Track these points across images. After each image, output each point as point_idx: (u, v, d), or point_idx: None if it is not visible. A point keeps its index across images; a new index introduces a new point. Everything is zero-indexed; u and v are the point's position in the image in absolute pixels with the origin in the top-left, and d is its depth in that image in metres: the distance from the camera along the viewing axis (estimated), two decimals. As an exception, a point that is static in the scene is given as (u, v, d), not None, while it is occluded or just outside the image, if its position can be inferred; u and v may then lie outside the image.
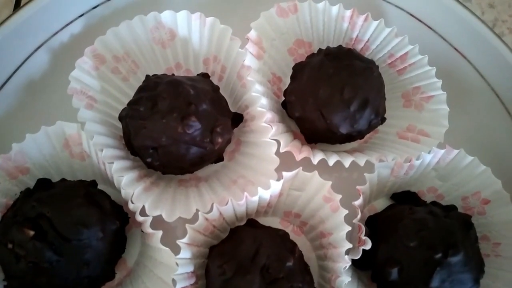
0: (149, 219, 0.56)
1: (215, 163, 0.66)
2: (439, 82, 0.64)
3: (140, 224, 0.62)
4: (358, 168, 0.63)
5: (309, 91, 0.60)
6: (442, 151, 0.62)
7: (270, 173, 0.59)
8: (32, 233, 0.51)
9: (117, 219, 0.57)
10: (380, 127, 0.68)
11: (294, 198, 0.63)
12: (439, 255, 0.54)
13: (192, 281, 0.58)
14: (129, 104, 0.59)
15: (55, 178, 0.62)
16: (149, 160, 0.58)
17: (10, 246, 0.52)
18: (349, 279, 0.55)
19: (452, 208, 0.63)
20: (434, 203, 0.65)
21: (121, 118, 0.60)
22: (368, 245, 0.56)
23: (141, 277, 0.60)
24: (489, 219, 0.63)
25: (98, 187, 0.62)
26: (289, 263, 0.54)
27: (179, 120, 0.55)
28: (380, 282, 0.61)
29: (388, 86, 0.66)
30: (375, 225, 0.64)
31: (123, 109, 0.60)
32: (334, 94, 0.58)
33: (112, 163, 0.56)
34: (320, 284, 0.62)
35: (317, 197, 0.60)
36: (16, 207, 0.55)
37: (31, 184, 0.60)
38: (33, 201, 0.54)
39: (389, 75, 0.68)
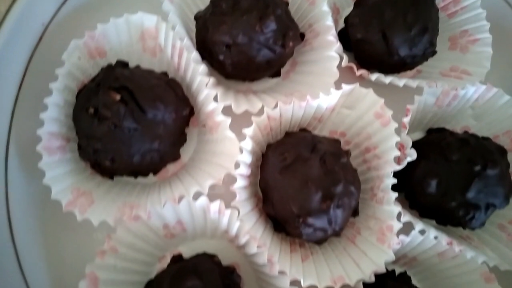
0: (221, 105, 0.60)
1: (272, 77, 0.70)
2: (487, 25, 0.70)
3: (197, 124, 0.67)
4: (407, 93, 0.68)
5: (373, 14, 0.65)
6: (484, 86, 0.68)
7: (328, 86, 0.64)
8: (118, 97, 0.55)
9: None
10: (423, 68, 0.74)
11: (343, 117, 0.68)
12: (478, 167, 0.60)
13: (249, 172, 0.63)
14: (212, 2, 0.63)
15: (127, 67, 0.66)
16: (221, 57, 0.62)
17: (91, 110, 0.56)
18: (395, 181, 0.61)
19: (486, 138, 0.69)
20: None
21: (198, 17, 0.64)
22: (413, 155, 0.61)
23: (197, 167, 0.64)
24: (517, 156, 0.70)
25: (166, 81, 0.66)
26: (344, 160, 0.59)
27: (257, 19, 0.60)
28: (414, 199, 0.67)
29: (437, 28, 0.71)
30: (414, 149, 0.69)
31: (201, 11, 0.64)
32: (397, 17, 0.64)
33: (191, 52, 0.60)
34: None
35: (368, 114, 0.65)
36: (98, 79, 0.59)
37: (105, 69, 0.64)
38: (116, 75, 0.58)
39: (440, 18, 0.73)
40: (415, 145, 0.70)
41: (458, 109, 0.71)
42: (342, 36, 0.72)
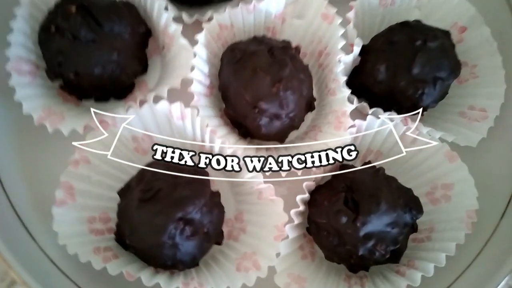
0: (171, 14, 0.65)
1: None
2: None
3: (159, 51, 0.71)
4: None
5: None
6: (426, -21, 0.72)
7: None
8: (74, 8, 0.60)
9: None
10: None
11: (295, 29, 0.72)
12: (419, 42, 0.63)
13: (207, 82, 0.67)
14: None
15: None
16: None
17: (53, 29, 0.61)
18: (343, 66, 0.64)
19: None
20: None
21: None
22: (360, 44, 0.65)
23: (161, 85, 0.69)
24: (466, 45, 0.72)
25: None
26: (291, 51, 0.63)
27: None
28: (369, 96, 0.69)
29: None
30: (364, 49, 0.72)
31: None
32: None
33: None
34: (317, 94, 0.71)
35: (317, 19, 0.69)
36: (57, 2, 0.64)
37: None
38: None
39: None
40: (365, 47, 0.72)
41: (404, 9, 0.73)
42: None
